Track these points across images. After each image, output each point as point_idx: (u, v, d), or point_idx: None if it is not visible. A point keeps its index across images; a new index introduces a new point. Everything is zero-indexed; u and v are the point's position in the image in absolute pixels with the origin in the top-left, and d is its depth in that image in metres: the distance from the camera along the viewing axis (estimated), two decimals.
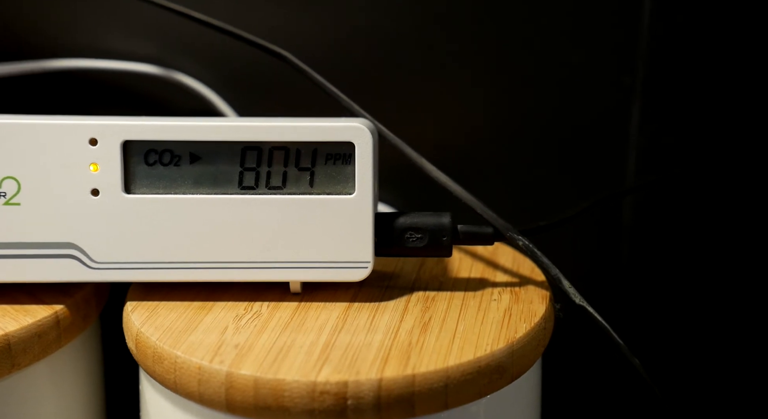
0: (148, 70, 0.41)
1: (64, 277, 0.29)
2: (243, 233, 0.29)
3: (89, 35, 0.41)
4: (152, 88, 0.42)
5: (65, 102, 0.43)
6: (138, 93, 0.42)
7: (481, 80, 0.39)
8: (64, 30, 0.42)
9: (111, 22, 0.41)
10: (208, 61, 0.42)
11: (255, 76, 0.41)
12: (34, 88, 0.42)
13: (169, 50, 0.41)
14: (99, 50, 0.42)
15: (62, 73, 0.41)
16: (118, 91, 0.42)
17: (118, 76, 0.42)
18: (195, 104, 0.42)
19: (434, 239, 0.30)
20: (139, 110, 0.43)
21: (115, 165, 0.29)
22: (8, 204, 0.29)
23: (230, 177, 0.29)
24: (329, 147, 0.29)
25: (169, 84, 0.41)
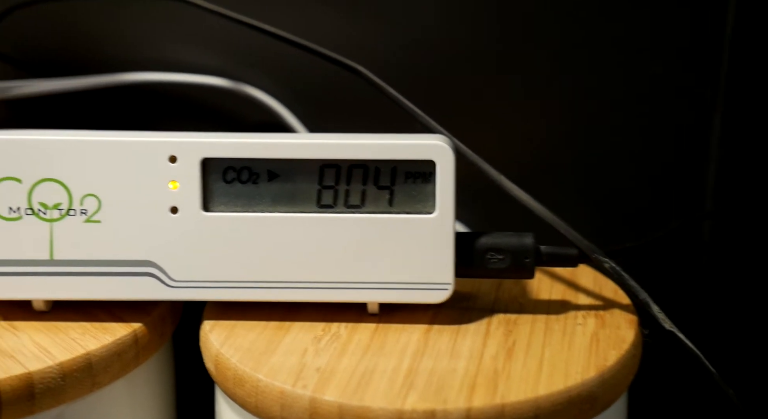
0: (217, 83, 0.41)
1: (142, 295, 0.29)
2: (321, 252, 0.29)
3: (159, 48, 0.42)
4: (221, 101, 0.42)
5: (134, 115, 0.43)
6: (207, 106, 0.42)
7: (557, 95, 0.38)
8: (134, 43, 0.42)
9: (180, 35, 0.41)
10: (277, 75, 0.41)
11: (324, 89, 0.41)
12: (104, 102, 0.42)
13: (238, 63, 0.41)
14: (168, 63, 0.42)
15: (132, 87, 0.42)
16: (187, 104, 0.42)
17: (186, 89, 0.42)
18: (264, 118, 0.42)
19: (516, 261, 0.29)
20: (207, 123, 0.43)
21: (194, 183, 0.29)
22: (89, 222, 0.29)
23: (308, 195, 0.29)
24: (409, 165, 0.29)
25: (238, 97, 0.41)
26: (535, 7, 0.38)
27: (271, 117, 0.42)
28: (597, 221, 0.37)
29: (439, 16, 0.39)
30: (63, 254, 0.29)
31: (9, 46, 0.42)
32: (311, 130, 0.41)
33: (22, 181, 0.28)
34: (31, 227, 0.28)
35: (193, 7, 0.39)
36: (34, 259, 0.29)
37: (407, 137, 0.29)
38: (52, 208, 0.29)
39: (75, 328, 0.29)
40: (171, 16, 0.41)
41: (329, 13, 0.40)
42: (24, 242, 0.28)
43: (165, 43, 0.42)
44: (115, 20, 0.41)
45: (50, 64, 0.42)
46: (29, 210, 0.28)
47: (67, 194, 0.29)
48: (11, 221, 0.28)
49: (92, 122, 0.43)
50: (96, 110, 0.43)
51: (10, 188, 0.28)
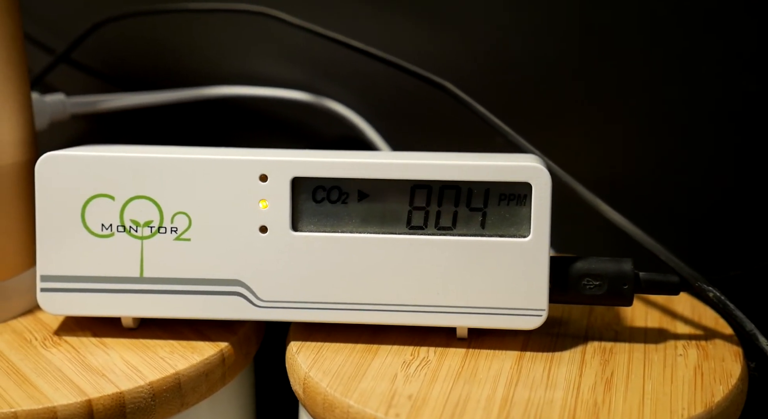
0: (298, 96, 0.41)
1: (230, 315, 0.29)
2: (410, 274, 0.28)
3: (242, 62, 0.42)
4: (303, 115, 0.42)
5: (217, 129, 0.43)
6: (288, 120, 0.42)
7: (650, 111, 0.37)
8: (217, 57, 0.42)
9: (263, 49, 0.41)
10: (358, 89, 0.41)
11: (406, 104, 0.41)
12: (188, 115, 0.43)
13: (320, 77, 0.41)
14: (251, 77, 0.42)
15: (215, 101, 0.42)
16: (268, 118, 0.42)
17: (269, 103, 0.42)
18: (345, 132, 0.42)
19: (614, 287, 0.28)
20: (289, 136, 0.43)
21: (284, 202, 0.28)
22: (179, 240, 0.29)
23: (399, 216, 0.29)
24: (503, 187, 0.28)
25: (320, 111, 0.41)
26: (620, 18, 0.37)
27: (352, 131, 0.41)
28: (696, 247, 0.36)
29: (523, 31, 0.38)
30: (153, 272, 0.29)
31: (97, 60, 0.42)
32: (392, 145, 0.41)
33: (115, 198, 0.28)
34: (122, 244, 0.29)
35: (277, 22, 0.39)
36: (125, 276, 0.29)
37: (500, 158, 0.29)
38: (143, 225, 0.29)
39: (163, 346, 0.29)
40: (255, 30, 0.41)
41: (412, 28, 0.39)
42: (115, 259, 0.29)
43: (248, 57, 0.42)
44: (200, 34, 0.42)
45: (136, 78, 0.42)
46: (121, 227, 0.29)
47: (159, 212, 0.29)
48: (103, 238, 0.29)
49: (176, 135, 0.44)
50: (180, 123, 0.43)
51: (104, 205, 0.28)
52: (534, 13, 0.37)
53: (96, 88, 0.42)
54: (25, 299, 0.31)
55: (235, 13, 0.39)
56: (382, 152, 0.31)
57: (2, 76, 0.29)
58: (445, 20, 0.39)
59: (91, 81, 0.42)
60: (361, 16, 0.39)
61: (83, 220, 0.29)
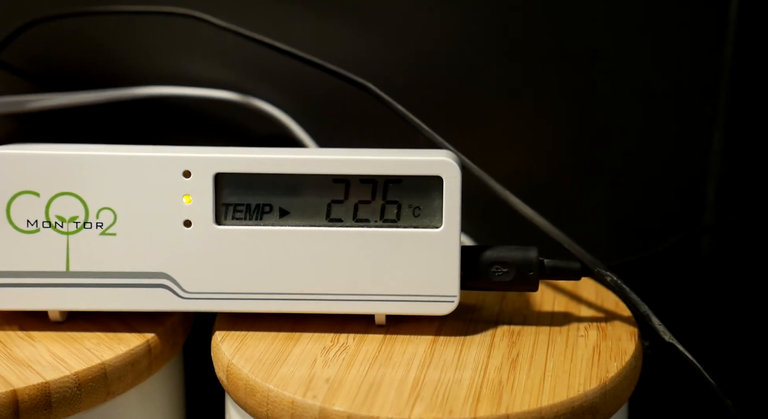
0: (226, 96, 0.42)
1: (156, 306, 0.30)
2: (330, 265, 0.30)
3: (170, 63, 0.42)
4: (231, 114, 0.43)
5: (146, 128, 0.44)
6: (217, 119, 0.43)
7: (560, 109, 0.39)
8: (145, 58, 0.43)
9: (191, 50, 0.42)
10: (286, 88, 0.42)
11: (332, 103, 0.42)
12: (116, 115, 0.43)
13: (247, 77, 0.42)
14: (179, 77, 0.43)
15: (143, 101, 0.43)
16: (197, 118, 0.43)
17: (197, 103, 0.43)
18: (273, 131, 0.43)
19: (520, 274, 0.30)
20: (218, 135, 0.44)
21: (207, 197, 0.29)
22: (105, 234, 0.29)
23: (318, 209, 0.30)
24: (417, 181, 0.29)
25: (247, 110, 0.42)
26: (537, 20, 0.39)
27: (280, 130, 0.42)
28: (598, 235, 0.38)
29: (444, 31, 0.40)
30: (79, 266, 0.29)
31: (24, 60, 0.43)
32: (320, 143, 0.42)
33: (40, 195, 0.29)
34: (48, 239, 0.29)
35: (203, 23, 0.40)
36: (51, 271, 0.29)
37: (415, 154, 0.30)
38: (68, 221, 0.29)
39: (90, 338, 0.29)
40: (183, 31, 0.42)
41: (337, 28, 0.41)
42: (41, 254, 0.29)
43: (177, 58, 0.42)
44: (128, 35, 0.42)
45: (64, 78, 0.43)
46: (47, 223, 0.29)
47: (84, 208, 0.29)
48: (29, 234, 0.29)
49: (105, 135, 0.45)
50: (108, 123, 0.43)
51: (29, 202, 0.29)
52: (454, 15, 0.39)
53: (23, 88, 0.42)
54: None
55: (162, 15, 0.40)
56: (303, 149, 0.32)
57: None
58: (369, 22, 0.40)
59: (18, 81, 0.42)
60: (287, 17, 0.40)
61: (8, 216, 0.29)
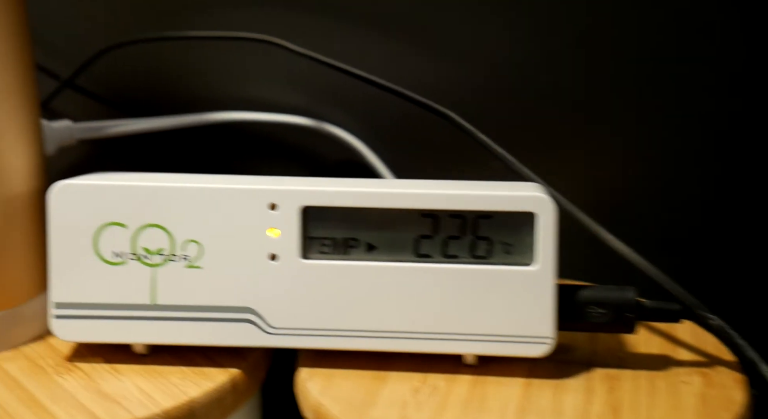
0: (299, 121, 0.42)
1: (241, 342, 0.29)
2: (418, 302, 0.29)
3: (244, 87, 0.42)
4: (303, 139, 0.43)
5: (219, 153, 0.44)
6: (289, 144, 0.43)
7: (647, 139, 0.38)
8: (220, 83, 0.43)
9: (265, 74, 0.42)
10: (359, 114, 0.42)
11: (406, 129, 0.41)
12: (190, 140, 0.43)
13: (321, 102, 0.42)
14: (252, 102, 0.42)
15: (216, 125, 0.42)
16: (270, 142, 0.43)
17: (270, 128, 0.43)
18: (345, 156, 0.42)
19: (618, 315, 0.28)
20: (290, 161, 0.44)
21: (294, 230, 0.29)
22: (190, 267, 0.29)
23: (406, 244, 0.29)
24: (509, 216, 0.28)
25: (320, 136, 0.42)
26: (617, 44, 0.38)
27: (353, 156, 0.42)
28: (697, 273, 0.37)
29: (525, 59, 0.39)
30: (164, 299, 0.29)
31: (101, 85, 0.43)
32: (393, 169, 0.41)
33: (127, 226, 0.29)
34: (134, 271, 0.29)
35: (278, 48, 0.40)
36: (137, 304, 0.29)
37: (504, 187, 0.29)
38: (155, 253, 0.29)
39: (175, 373, 0.29)
40: (257, 56, 0.41)
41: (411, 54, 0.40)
42: (127, 286, 0.29)
43: (251, 83, 0.42)
44: (203, 61, 0.42)
45: (140, 103, 0.43)
46: (133, 255, 0.29)
47: (170, 240, 0.29)
48: (115, 266, 0.29)
49: (180, 160, 0.45)
50: (183, 148, 0.43)
51: (116, 233, 0.29)
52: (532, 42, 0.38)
53: (100, 112, 0.42)
54: (35, 325, 0.31)
55: (239, 41, 0.40)
56: (389, 181, 0.32)
57: (15, 104, 0.29)
58: (445, 48, 0.39)
59: (95, 106, 0.42)
60: (363, 43, 0.40)
61: (95, 248, 0.29)
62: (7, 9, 0.28)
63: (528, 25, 0.38)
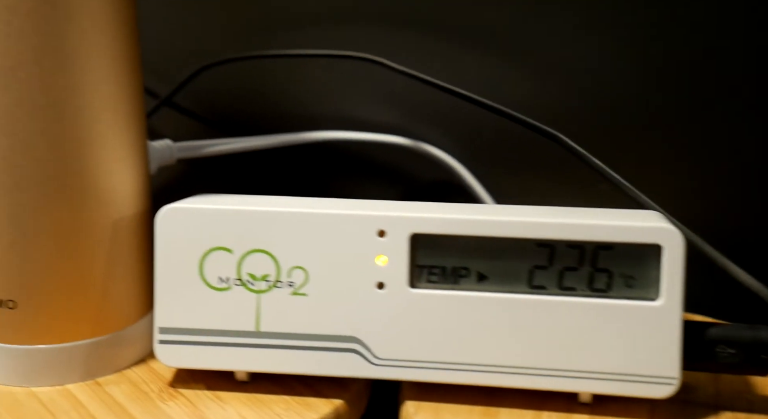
0: (397, 141, 0.41)
1: (345, 372, 0.28)
2: (531, 336, 0.27)
3: (339, 106, 0.42)
4: (399, 158, 0.42)
5: (315, 172, 0.43)
6: (385, 163, 0.42)
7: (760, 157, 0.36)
8: (315, 101, 0.42)
9: (361, 92, 0.41)
10: (457, 133, 0.41)
11: (506, 150, 0.40)
12: (286, 158, 0.43)
13: (417, 121, 0.41)
14: (348, 120, 0.42)
15: (314, 144, 0.42)
16: (366, 162, 0.42)
17: (365, 147, 0.42)
18: (442, 177, 0.41)
19: (750, 357, 0.26)
20: (384, 180, 0.43)
21: (402, 258, 0.28)
22: (295, 294, 0.28)
23: (520, 275, 0.28)
24: (632, 248, 0.27)
25: (417, 155, 0.41)
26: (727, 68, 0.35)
27: (450, 177, 0.41)
28: None
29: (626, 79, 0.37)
30: (269, 326, 0.28)
31: (197, 104, 0.43)
32: (490, 190, 0.40)
33: (233, 251, 0.28)
34: (239, 297, 0.28)
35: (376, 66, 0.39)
36: (241, 330, 0.28)
37: (625, 217, 0.28)
38: (260, 279, 0.28)
39: (278, 402, 0.28)
40: (353, 74, 0.41)
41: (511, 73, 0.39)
42: (231, 312, 0.28)
43: (346, 101, 0.42)
44: (300, 79, 0.42)
45: (235, 122, 0.43)
46: (238, 281, 0.28)
47: (276, 266, 0.28)
48: (220, 291, 0.29)
49: (275, 178, 0.44)
50: (279, 166, 0.43)
51: (221, 258, 0.28)
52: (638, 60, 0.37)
53: (194, 130, 0.42)
54: (138, 348, 0.31)
55: (337, 59, 0.40)
56: (500, 207, 0.30)
57: (126, 126, 0.29)
58: (546, 67, 0.38)
59: (191, 124, 0.42)
60: (462, 61, 0.39)
61: (201, 273, 0.29)
62: (123, 33, 0.28)
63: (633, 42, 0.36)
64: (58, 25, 0.26)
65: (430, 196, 0.41)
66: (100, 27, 0.27)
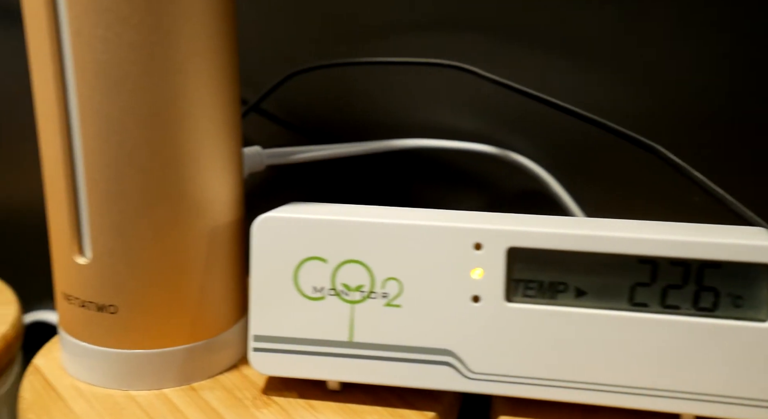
0: (484, 149, 0.40)
1: (438, 385, 0.28)
2: (631, 354, 0.27)
3: (425, 113, 0.41)
4: (485, 167, 0.41)
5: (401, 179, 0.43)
6: (472, 172, 0.42)
7: None
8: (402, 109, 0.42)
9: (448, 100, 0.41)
10: (546, 143, 0.40)
11: (596, 160, 0.39)
12: (371, 165, 0.43)
13: (504, 129, 0.40)
14: (434, 128, 0.41)
15: (400, 152, 0.42)
16: (452, 169, 0.42)
17: (453, 155, 0.42)
18: (529, 186, 0.41)
19: None
20: (472, 188, 0.42)
21: (499, 272, 0.28)
22: (389, 306, 0.28)
23: (619, 292, 0.27)
24: (741, 267, 0.26)
25: (504, 164, 0.40)
26: None
27: (537, 186, 0.40)
28: None
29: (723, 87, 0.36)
30: (362, 337, 0.28)
31: (283, 111, 0.43)
32: (578, 200, 0.39)
33: (328, 261, 0.29)
34: (333, 307, 0.29)
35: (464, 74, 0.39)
36: (334, 340, 0.29)
37: (732, 233, 0.27)
38: (354, 290, 0.29)
39: (371, 413, 0.28)
40: (440, 82, 0.41)
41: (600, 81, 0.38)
42: (325, 322, 0.29)
43: (432, 108, 0.41)
44: (385, 87, 0.42)
45: (321, 129, 0.43)
46: (332, 291, 0.29)
47: (370, 277, 0.28)
48: (314, 301, 0.29)
49: (361, 184, 0.44)
50: (364, 172, 0.43)
51: (316, 268, 0.29)
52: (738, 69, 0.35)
53: (279, 137, 0.43)
54: (231, 354, 0.31)
55: (428, 66, 0.39)
56: (599, 221, 0.29)
57: (224, 135, 0.29)
58: (639, 76, 0.37)
59: (277, 130, 0.43)
60: (552, 70, 0.38)
61: (296, 282, 0.29)
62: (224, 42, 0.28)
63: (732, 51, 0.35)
64: (165, 36, 0.26)
65: (516, 205, 0.40)
66: (203, 37, 0.27)
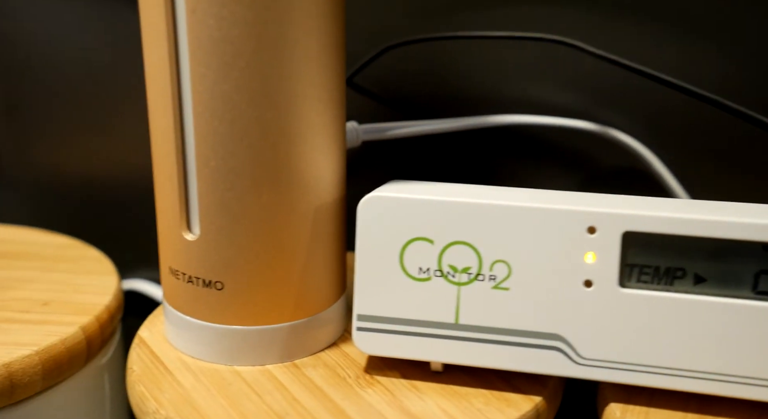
0: (583, 125, 0.39)
1: (547, 369, 0.28)
2: (753, 344, 0.26)
3: (523, 89, 0.40)
4: (583, 144, 0.40)
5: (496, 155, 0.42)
6: (570, 148, 0.40)
7: None
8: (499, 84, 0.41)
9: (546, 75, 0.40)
10: (645, 119, 0.38)
11: (696, 136, 0.38)
12: (466, 141, 0.42)
13: (603, 105, 0.39)
14: (531, 104, 0.40)
15: (496, 128, 0.41)
16: (549, 146, 0.41)
17: (550, 131, 0.40)
18: (627, 164, 0.39)
19: None
20: (567, 165, 0.41)
21: (613, 257, 0.27)
22: (497, 288, 0.28)
23: (742, 279, 0.26)
24: None
25: (603, 141, 0.39)
26: None
27: (637, 164, 0.39)
28: None
29: None
30: (468, 319, 0.28)
31: (378, 85, 0.43)
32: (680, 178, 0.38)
33: (434, 242, 0.28)
34: (439, 289, 0.28)
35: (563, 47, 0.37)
36: (440, 322, 0.28)
37: None
38: (461, 271, 0.28)
39: (476, 396, 0.28)
40: (538, 57, 0.39)
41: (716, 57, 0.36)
42: (431, 303, 0.28)
43: (530, 84, 0.40)
44: (480, 61, 0.41)
45: (414, 103, 0.42)
46: (438, 272, 0.28)
47: (478, 259, 0.28)
48: (420, 282, 0.28)
49: (454, 161, 0.44)
50: (459, 148, 0.42)
51: (422, 249, 0.28)
52: None
53: (373, 111, 0.42)
54: (332, 332, 0.31)
55: (529, 41, 0.38)
56: (718, 204, 0.28)
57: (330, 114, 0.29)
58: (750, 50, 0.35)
59: (371, 105, 0.42)
60: (657, 43, 0.36)
61: (401, 262, 0.28)
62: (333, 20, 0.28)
63: None
64: (278, 14, 0.26)
65: (613, 184, 0.39)
66: (315, 16, 0.27)
